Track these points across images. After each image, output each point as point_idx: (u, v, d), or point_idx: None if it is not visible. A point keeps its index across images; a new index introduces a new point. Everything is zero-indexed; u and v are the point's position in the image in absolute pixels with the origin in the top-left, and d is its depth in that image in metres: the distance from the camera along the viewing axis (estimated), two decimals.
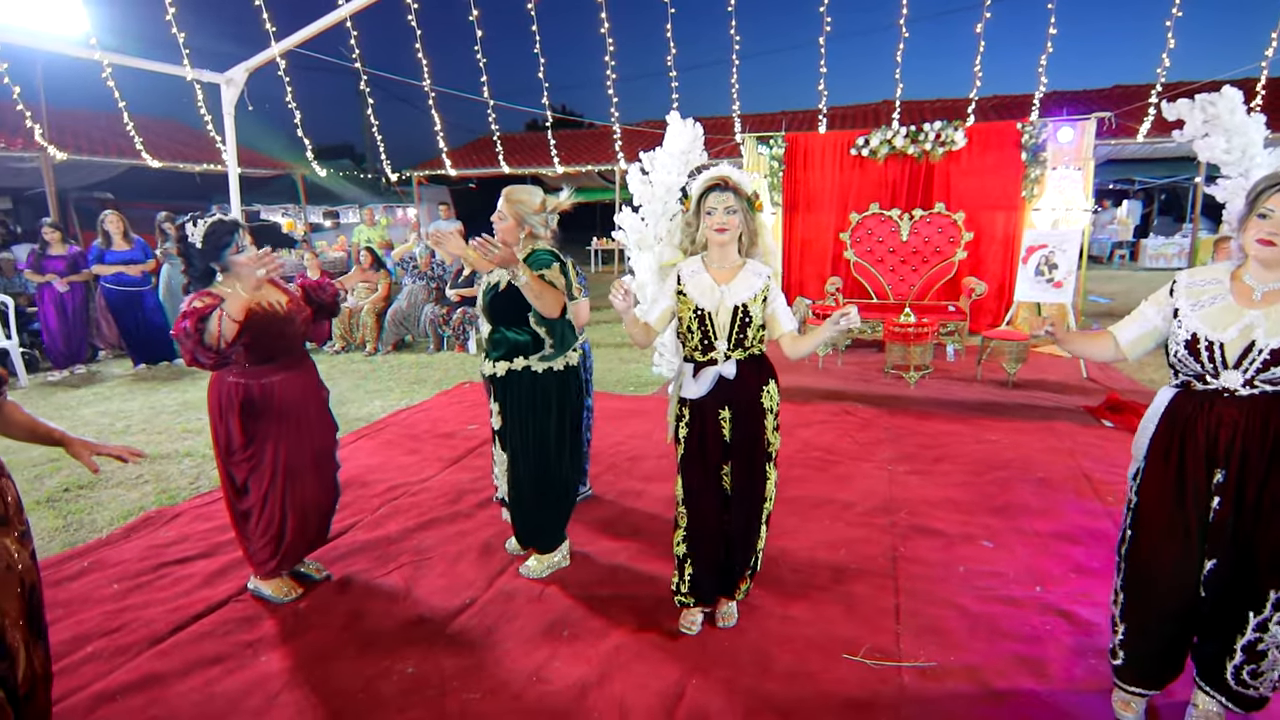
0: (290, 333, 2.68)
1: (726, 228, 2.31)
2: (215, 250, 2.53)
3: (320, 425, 2.85)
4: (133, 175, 11.98)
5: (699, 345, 2.38)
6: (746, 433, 2.40)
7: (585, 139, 15.37)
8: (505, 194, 2.82)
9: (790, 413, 5.09)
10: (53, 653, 2.49)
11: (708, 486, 2.44)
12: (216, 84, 5.49)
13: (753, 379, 2.41)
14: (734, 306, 2.33)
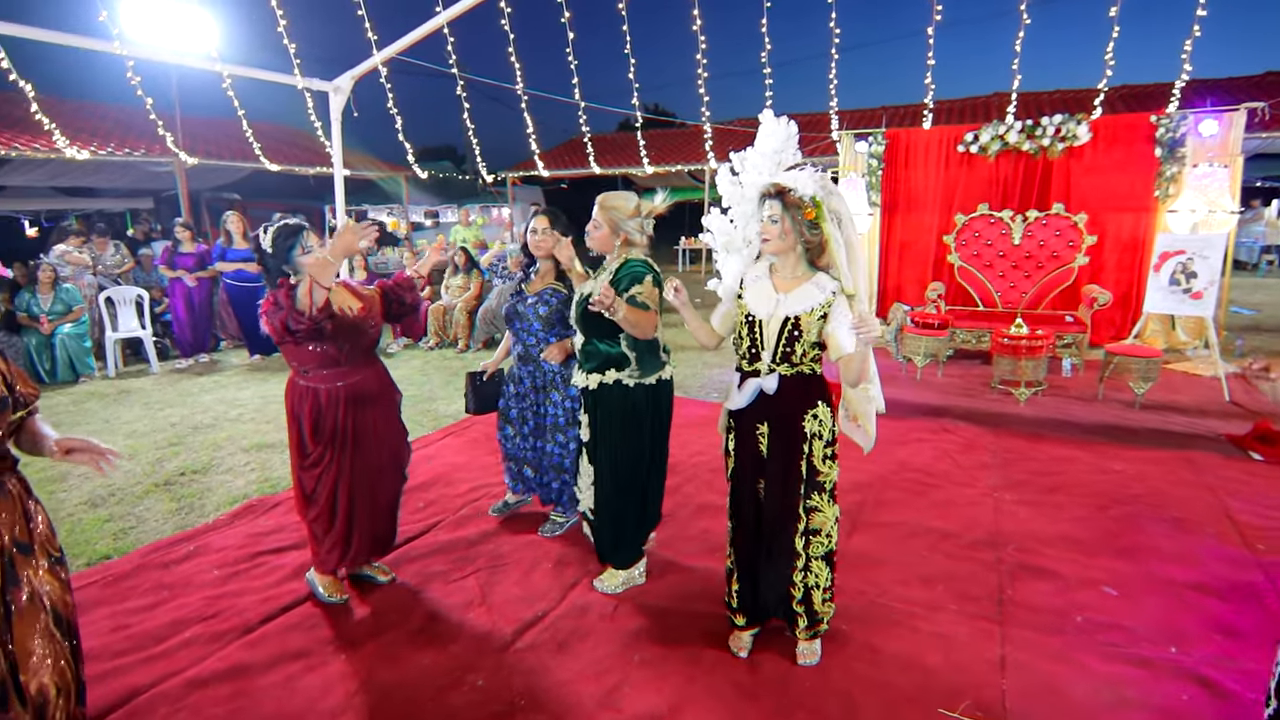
0: (359, 337, 2.69)
1: (767, 237, 2.24)
2: (283, 253, 2.57)
3: (390, 430, 2.87)
4: (256, 178, 12.93)
5: (746, 354, 2.32)
6: (783, 454, 2.29)
7: (676, 138, 15.27)
8: (599, 201, 2.77)
9: (883, 427, 4.78)
10: (156, 635, 2.67)
11: (747, 501, 2.38)
12: (325, 91, 5.75)
13: (797, 398, 2.27)
14: (785, 318, 2.22)
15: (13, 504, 1.61)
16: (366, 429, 2.75)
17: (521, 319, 3.22)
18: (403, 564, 3.15)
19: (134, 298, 7.65)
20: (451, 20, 5.05)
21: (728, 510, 2.48)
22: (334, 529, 2.77)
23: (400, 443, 2.97)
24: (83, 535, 3.53)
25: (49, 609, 1.62)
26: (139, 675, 2.41)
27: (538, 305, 3.19)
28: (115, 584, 3.03)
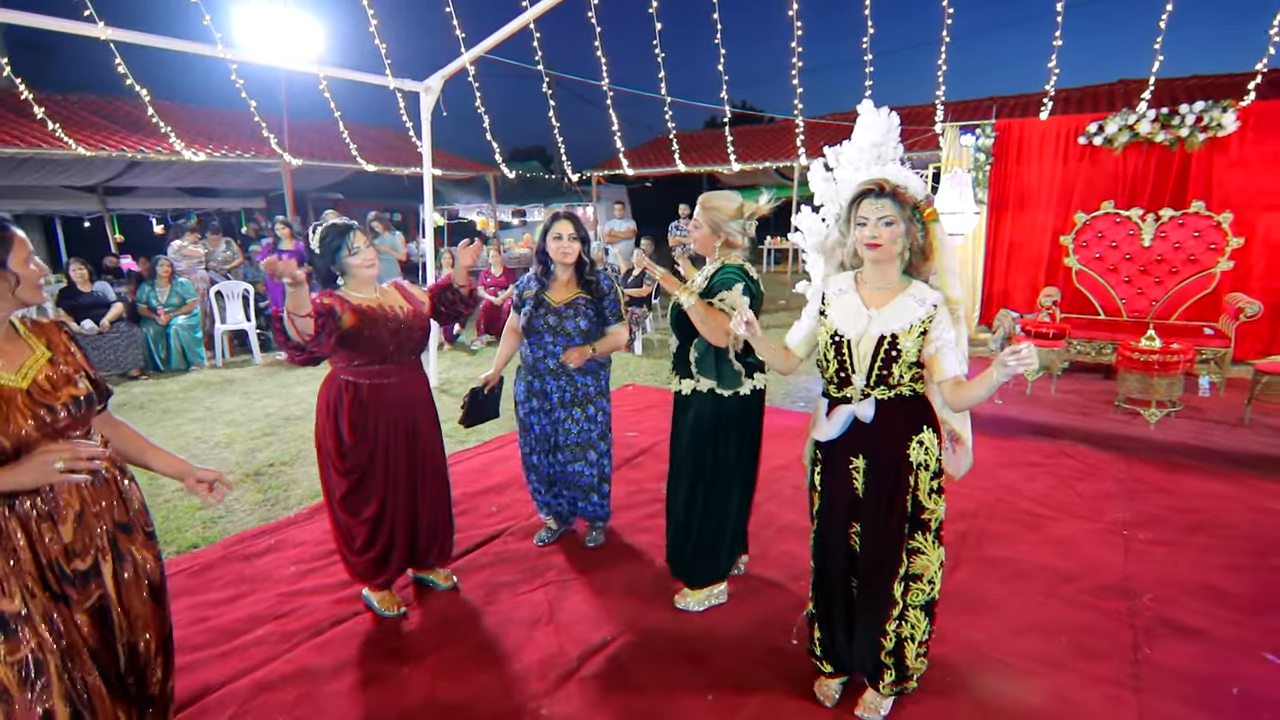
0: (404, 340, 2.60)
1: (879, 241, 1.91)
2: (331, 253, 2.52)
3: (430, 438, 2.76)
4: (357, 178, 13.53)
5: (834, 378, 2.04)
6: (882, 491, 1.98)
7: (763, 135, 14.86)
8: (701, 201, 2.65)
9: (988, 447, 4.36)
10: (232, 630, 2.69)
11: (835, 545, 2.08)
12: (416, 92, 5.83)
13: (898, 425, 1.97)
14: (879, 336, 1.94)
15: (109, 489, 1.70)
16: (408, 433, 2.65)
17: (553, 331, 2.98)
18: (471, 571, 3.08)
19: (241, 292, 8.10)
20: (538, 17, 4.97)
21: (811, 551, 2.19)
22: (373, 540, 2.66)
23: (441, 450, 2.86)
24: (175, 522, 3.67)
25: (146, 579, 1.76)
26: (213, 671, 2.42)
27: (576, 318, 2.98)
28: (200, 574, 3.11)
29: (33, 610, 1.50)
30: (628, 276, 8.09)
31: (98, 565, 1.63)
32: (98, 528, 1.64)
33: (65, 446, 1.47)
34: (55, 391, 1.57)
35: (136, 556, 1.73)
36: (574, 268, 3.02)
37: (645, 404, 5.69)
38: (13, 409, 1.48)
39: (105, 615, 1.65)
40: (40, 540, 1.53)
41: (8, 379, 1.51)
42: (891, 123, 5.48)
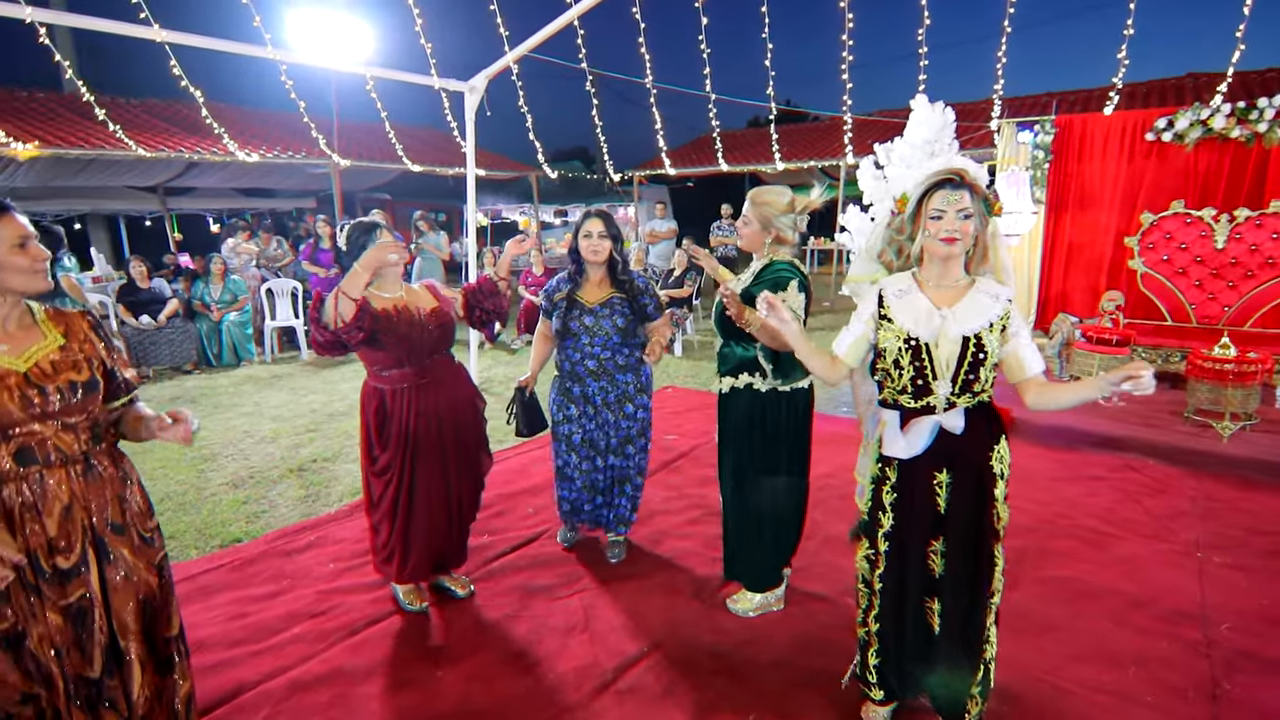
0: (419, 340, 2.56)
1: (957, 236, 1.77)
2: (356, 251, 2.49)
3: (467, 438, 2.72)
4: (404, 179, 13.75)
5: (909, 387, 1.85)
6: (969, 504, 1.84)
7: (809, 133, 14.59)
8: (752, 197, 2.57)
9: (1046, 460, 4.15)
10: (270, 627, 2.69)
11: (912, 566, 1.92)
12: (461, 92, 5.85)
13: (983, 434, 1.84)
14: (962, 337, 1.78)
15: (103, 486, 1.66)
16: (436, 436, 2.61)
17: (590, 332, 2.91)
18: (506, 574, 3.04)
19: (290, 289, 8.28)
20: (581, 14, 4.93)
21: (868, 574, 2.01)
22: (393, 539, 2.66)
23: (478, 452, 2.82)
24: (220, 516, 3.72)
25: (135, 584, 1.70)
26: (249, 669, 2.42)
27: (611, 316, 2.92)
28: (241, 569, 3.14)
29: (10, 593, 1.51)
30: (668, 277, 8.01)
31: (82, 564, 1.59)
32: (85, 525, 1.60)
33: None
34: (54, 376, 1.57)
35: (127, 559, 1.68)
36: (606, 266, 2.97)
37: (686, 406, 5.59)
38: (4, 389, 1.49)
39: (84, 617, 1.60)
40: (22, 530, 1.52)
41: (7, 361, 1.53)
42: (946, 118, 5.27)
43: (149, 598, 1.73)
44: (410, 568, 2.70)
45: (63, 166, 8.66)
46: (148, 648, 1.73)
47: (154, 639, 1.76)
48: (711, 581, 2.94)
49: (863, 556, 2.02)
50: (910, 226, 1.88)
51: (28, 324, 1.63)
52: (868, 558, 2.00)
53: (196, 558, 3.27)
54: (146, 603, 1.73)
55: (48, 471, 1.55)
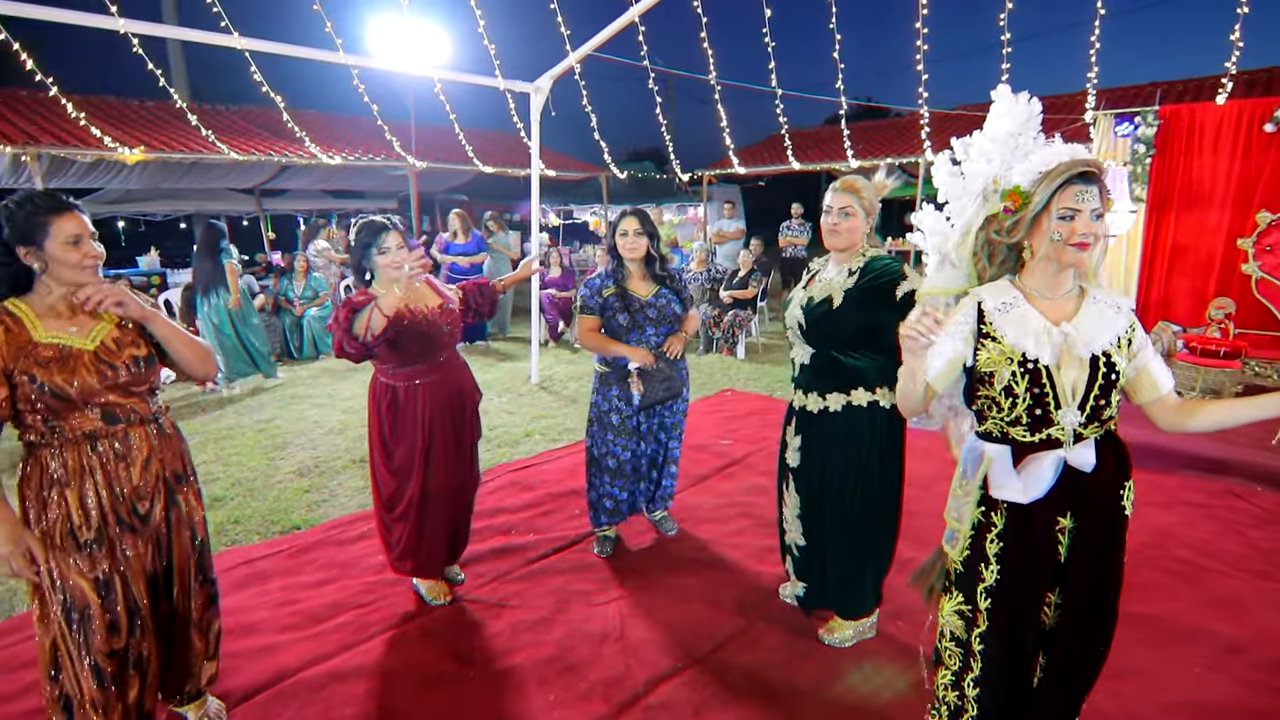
0: (435, 337, 2.62)
1: (1091, 241, 1.51)
2: (361, 250, 2.54)
3: (469, 431, 2.81)
4: (480, 180, 14.10)
5: (1024, 418, 1.56)
6: (1096, 553, 1.57)
7: (885, 130, 14.05)
8: (845, 186, 2.33)
9: (1137, 484, 3.78)
10: (317, 615, 2.76)
11: (1023, 623, 1.63)
12: (527, 93, 5.91)
13: (1112, 470, 1.58)
14: (1092, 356, 1.52)
15: (169, 442, 1.96)
16: (449, 427, 2.68)
17: (655, 323, 3.03)
18: (548, 576, 3.02)
19: None
20: (643, 13, 4.87)
21: (960, 632, 1.69)
22: (411, 536, 2.69)
23: (471, 453, 2.87)
24: (284, 503, 3.87)
25: (189, 527, 2.02)
26: (292, 655, 2.49)
27: (670, 304, 3.06)
28: (297, 556, 3.24)
29: (106, 535, 1.80)
30: (733, 277, 7.86)
31: (153, 510, 1.90)
32: (159, 473, 1.90)
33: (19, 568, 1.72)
34: (119, 352, 1.82)
35: (184, 505, 1.99)
36: (644, 262, 3.05)
37: (744, 411, 5.45)
38: (80, 366, 1.75)
39: (161, 544, 1.94)
40: (116, 478, 1.81)
41: (78, 342, 1.77)
42: (1032, 110, 4.93)
43: (202, 539, 2.05)
44: (430, 562, 2.74)
45: (169, 170, 9.30)
46: (200, 583, 2.06)
47: (203, 573, 2.07)
48: (755, 595, 2.82)
49: (953, 610, 1.73)
50: (1028, 228, 1.59)
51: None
52: (961, 614, 1.70)
53: (258, 543, 3.41)
54: (201, 543, 2.05)
55: (131, 429, 1.84)
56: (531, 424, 5.20)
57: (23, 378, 1.69)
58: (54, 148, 6.99)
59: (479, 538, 3.37)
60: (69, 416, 1.75)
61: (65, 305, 1.79)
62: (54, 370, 1.70)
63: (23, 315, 1.75)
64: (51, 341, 1.74)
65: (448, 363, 2.71)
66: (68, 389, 1.71)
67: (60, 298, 1.79)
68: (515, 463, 4.38)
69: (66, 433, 1.75)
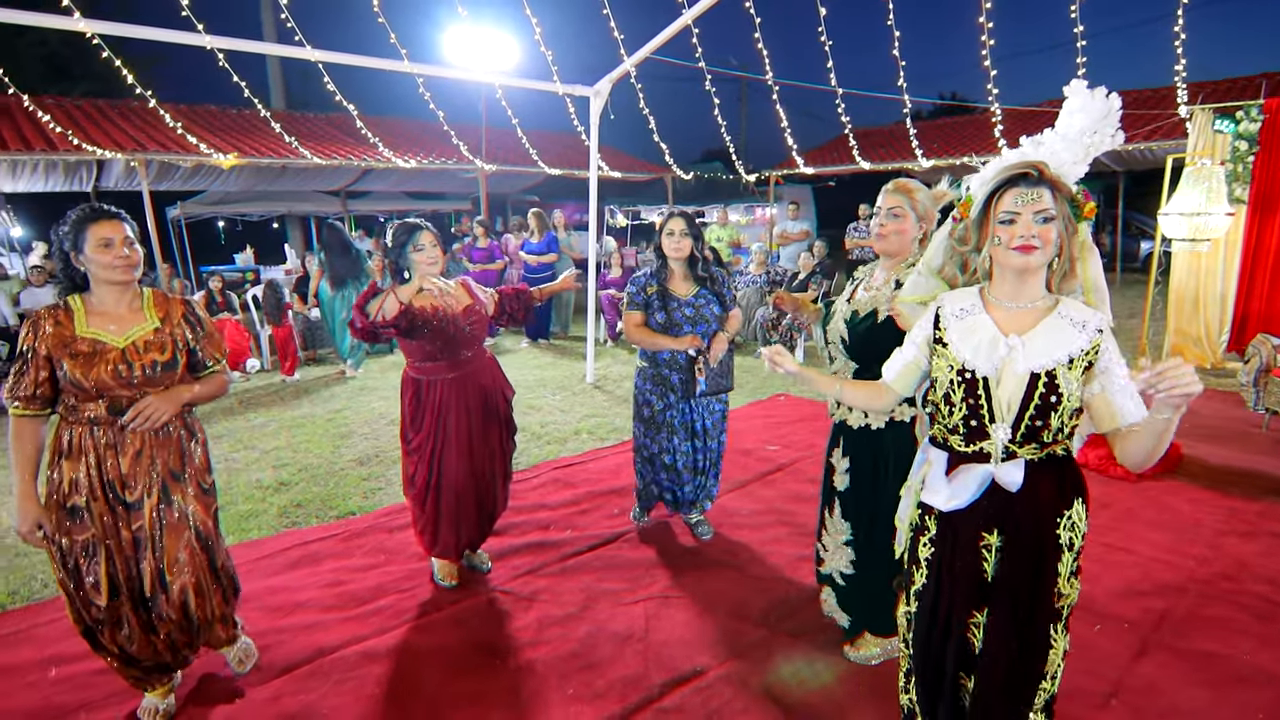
0: (455, 335, 2.73)
1: (1035, 245, 1.45)
2: (398, 248, 2.68)
3: (494, 427, 2.91)
4: (551, 182, 14.41)
5: (961, 427, 1.54)
6: (1022, 575, 1.52)
7: (964, 127, 13.45)
8: (896, 186, 2.26)
9: (1209, 508, 3.51)
10: (360, 597, 2.90)
11: (947, 637, 1.61)
12: (586, 97, 6.01)
13: (1049, 495, 1.51)
14: (1030, 373, 1.46)
15: (170, 443, 2.08)
16: (465, 426, 2.79)
17: (693, 322, 3.10)
18: (579, 572, 3.07)
19: None
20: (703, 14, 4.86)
21: (906, 635, 1.73)
22: (425, 518, 2.87)
23: (506, 444, 3.01)
24: (343, 490, 4.09)
25: (193, 527, 2.11)
26: (333, 634, 2.63)
27: (709, 304, 3.12)
28: (348, 540, 3.42)
29: (93, 508, 1.98)
30: (793, 279, 7.73)
31: (142, 503, 2.01)
32: (151, 469, 2.02)
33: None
34: (144, 355, 2.00)
35: (185, 506, 2.09)
36: (687, 262, 3.13)
37: (795, 417, 5.36)
38: (103, 361, 1.94)
39: (140, 545, 2.04)
40: (104, 463, 1.98)
41: (111, 339, 1.97)
42: (1109, 105, 4.65)
43: (203, 540, 2.14)
44: (440, 545, 2.91)
45: (261, 173, 9.95)
46: (212, 576, 2.17)
47: (215, 570, 2.18)
48: (784, 606, 2.78)
49: (901, 613, 1.75)
50: (976, 234, 1.57)
51: (136, 308, 2.06)
52: (905, 615, 1.73)
53: (315, 526, 3.62)
54: (206, 540, 2.14)
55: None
56: (581, 422, 5.29)
57: (57, 365, 1.93)
58: (158, 154, 7.61)
59: (517, 531, 3.47)
60: (84, 402, 1.96)
61: (112, 303, 2.01)
62: (79, 363, 1.91)
63: (75, 310, 1.98)
64: (89, 336, 1.96)
65: (470, 361, 2.84)
66: (84, 382, 1.92)
67: (107, 296, 2.01)
68: (560, 460, 4.47)
69: (80, 414, 1.97)
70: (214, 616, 2.20)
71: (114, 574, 2.02)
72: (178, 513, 2.08)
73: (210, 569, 2.16)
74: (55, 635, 2.64)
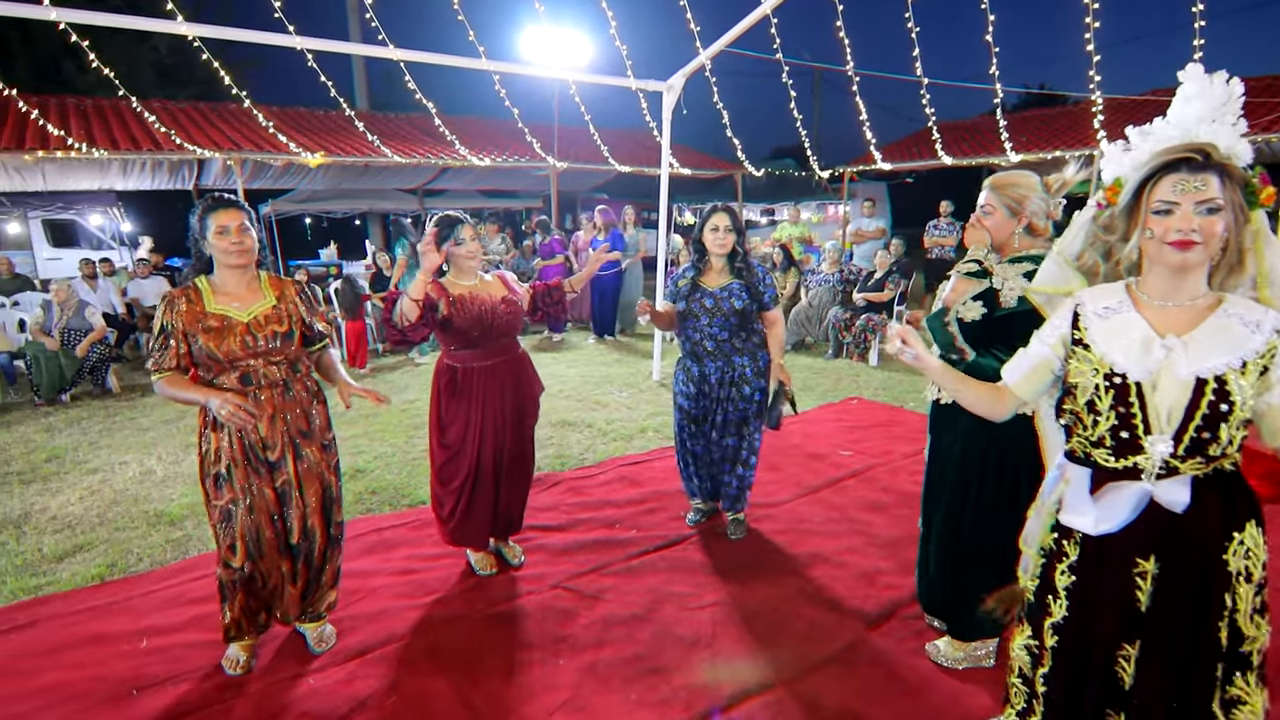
0: (495, 326, 2.76)
1: (1194, 240, 1.28)
2: (441, 242, 2.68)
3: (525, 419, 2.94)
4: (620, 179, 14.47)
5: (1108, 439, 1.37)
6: (1184, 609, 1.35)
7: (1055, 120, 12.69)
8: (991, 183, 2.20)
9: None
10: (428, 585, 2.92)
11: (1091, 672, 1.43)
12: (659, 92, 5.95)
13: (1216, 517, 1.33)
14: (1196, 379, 1.29)
15: (296, 404, 2.31)
16: (499, 415, 2.82)
17: (709, 313, 3.07)
18: (645, 573, 3.02)
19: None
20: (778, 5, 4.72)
21: (1026, 668, 1.55)
22: (453, 508, 2.88)
23: (528, 437, 3.01)
24: (415, 479, 4.17)
25: (318, 477, 2.36)
26: (401, 621, 2.67)
27: (730, 299, 3.06)
28: (420, 529, 3.47)
29: (234, 475, 2.21)
30: (868, 279, 7.46)
31: (284, 459, 2.27)
32: (284, 429, 2.26)
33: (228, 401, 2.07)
34: (266, 327, 2.21)
35: (312, 457, 2.34)
36: (727, 258, 3.11)
37: (869, 422, 5.15)
38: (231, 334, 2.16)
39: (286, 496, 2.30)
40: (245, 430, 2.18)
41: (236, 314, 2.19)
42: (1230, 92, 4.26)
43: (327, 488, 2.39)
44: (467, 534, 2.93)
45: (345, 172, 10.38)
46: (324, 525, 2.39)
47: (329, 521, 2.41)
48: (859, 620, 2.65)
49: (1021, 645, 1.57)
50: (1124, 223, 1.40)
51: (255, 288, 2.28)
52: (1029, 649, 1.55)
53: (389, 513, 3.70)
54: (326, 490, 2.38)
55: (260, 390, 2.22)
56: (647, 420, 5.24)
57: (192, 339, 2.14)
58: (252, 153, 8.02)
59: (584, 527, 3.45)
60: (220, 374, 2.19)
61: (233, 284, 2.23)
62: (212, 336, 2.13)
63: (203, 290, 2.21)
64: (218, 312, 2.18)
65: (504, 351, 2.87)
66: (217, 352, 2.14)
67: (231, 277, 2.22)
68: (626, 458, 4.43)
69: (218, 386, 2.18)
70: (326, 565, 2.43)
71: (254, 531, 2.24)
72: (309, 465, 2.32)
73: (323, 516, 2.38)
74: (150, 607, 2.78)
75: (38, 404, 6.06)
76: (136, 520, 3.63)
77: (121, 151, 7.72)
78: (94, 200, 12.39)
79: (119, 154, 7.73)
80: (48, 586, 2.98)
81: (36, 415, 5.76)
